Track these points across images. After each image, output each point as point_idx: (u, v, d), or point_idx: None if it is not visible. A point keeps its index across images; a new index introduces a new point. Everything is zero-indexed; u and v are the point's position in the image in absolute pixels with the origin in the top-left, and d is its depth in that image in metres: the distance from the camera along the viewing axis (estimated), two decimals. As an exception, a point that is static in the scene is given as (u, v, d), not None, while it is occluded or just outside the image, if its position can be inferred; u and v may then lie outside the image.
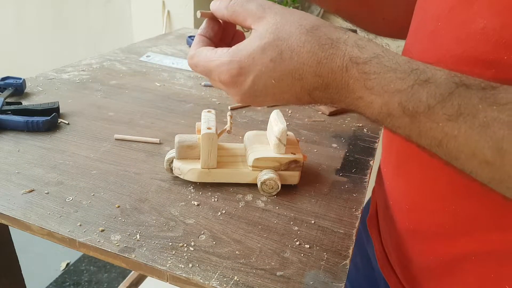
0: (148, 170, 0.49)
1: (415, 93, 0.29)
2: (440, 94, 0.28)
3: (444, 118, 0.28)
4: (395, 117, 0.30)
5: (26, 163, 0.49)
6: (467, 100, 0.28)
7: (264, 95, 0.35)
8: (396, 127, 0.31)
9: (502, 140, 0.26)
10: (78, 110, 0.64)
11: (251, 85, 0.35)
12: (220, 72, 0.35)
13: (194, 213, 0.42)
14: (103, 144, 0.54)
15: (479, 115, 0.27)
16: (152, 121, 0.62)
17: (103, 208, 0.42)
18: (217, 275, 0.35)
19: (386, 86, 0.30)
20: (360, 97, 0.32)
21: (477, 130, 0.27)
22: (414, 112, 0.29)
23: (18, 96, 0.66)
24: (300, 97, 0.35)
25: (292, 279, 0.35)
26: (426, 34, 0.39)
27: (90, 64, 0.85)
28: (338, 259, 0.38)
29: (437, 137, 0.29)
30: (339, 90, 0.33)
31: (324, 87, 0.33)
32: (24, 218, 0.40)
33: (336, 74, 0.32)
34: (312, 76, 0.33)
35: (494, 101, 0.27)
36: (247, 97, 0.36)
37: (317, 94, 0.34)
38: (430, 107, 0.29)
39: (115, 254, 0.36)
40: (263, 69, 0.34)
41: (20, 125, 0.55)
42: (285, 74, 0.33)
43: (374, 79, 0.31)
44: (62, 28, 2.06)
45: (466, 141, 0.28)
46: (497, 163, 0.27)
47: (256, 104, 0.38)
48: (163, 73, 0.84)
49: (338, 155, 0.57)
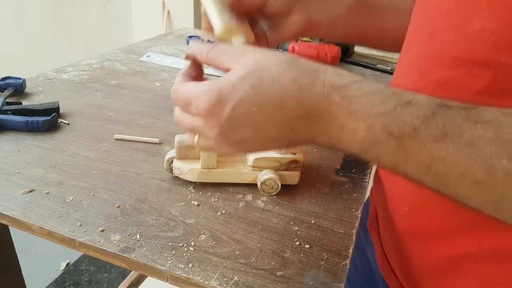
0: (148, 170, 0.49)
1: (399, 115, 0.29)
2: (423, 115, 0.28)
3: (430, 139, 0.28)
4: (380, 142, 0.29)
5: (26, 163, 0.49)
6: (451, 120, 0.27)
7: (243, 126, 0.33)
8: (381, 156, 0.30)
9: (491, 158, 0.26)
10: (78, 110, 0.64)
11: (230, 114, 0.32)
12: (198, 101, 0.34)
13: (194, 213, 0.42)
14: (103, 144, 0.54)
15: (465, 134, 0.27)
16: (152, 121, 0.62)
17: (103, 208, 0.42)
18: (217, 275, 0.35)
19: (369, 109, 0.30)
20: (343, 125, 0.31)
21: (464, 149, 0.27)
22: (399, 134, 0.29)
23: (18, 96, 0.66)
24: (281, 131, 0.33)
25: (292, 279, 0.35)
26: (424, 36, 0.39)
27: (90, 64, 0.85)
28: (338, 259, 0.38)
29: (425, 162, 0.28)
30: (322, 119, 0.32)
31: (306, 116, 0.32)
32: (24, 218, 0.40)
33: (318, 101, 0.31)
34: (294, 104, 0.32)
35: (477, 119, 0.27)
36: (225, 130, 0.33)
37: (299, 125, 0.32)
38: (415, 128, 0.28)
39: (115, 254, 0.36)
40: (243, 96, 0.32)
41: (20, 125, 0.55)
42: (266, 102, 0.32)
43: (356, 103, 0.30)
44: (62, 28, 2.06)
45: (455, 162, 0.27)
46: (488, 182, 0.26)
47: (234, 146, 0.34)
48: (163, 73, 0.84)
49: (338, 155, 0.57)
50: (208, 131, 0.34)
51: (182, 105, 0.36)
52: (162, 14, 1.59)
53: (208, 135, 0.35)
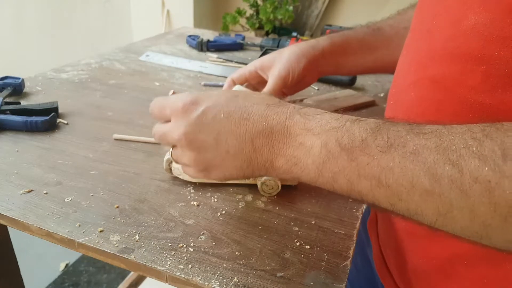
0: (147, 170, 0.49)
1: (349, 129, 0.31)
2: (370, 129, 0.30)
3: (377, 150, 0.29)
4: (334, 157, 0.31)
5: (25, 163, 0.48)
6: (395, 132, 0.29)
7: (208, 132, 0.35)
8: (336, 174, 0.31)
9: (434, 164, 0.27)
10: (77, 110, 0.63)
11: (200, 115, 0.35)
12: (175, 102, 0.37)
13: (194, 214, 0.42)
14: (102, 144, 0.54)
15: (409, 144, 0.28)
16: (152, 121, 0.62)
17: (102, 208, 0.42)
18: (217, 276, 0.35)
19: (324, 125, 0.33)
20: (301, 143, 0.33)
21: (409, 158, 0.28)
22: (349, 147, 0.30)
23: (16, 96, 0.66)
24: (242, 144, 0.35)
25: (293, 280, 0.35)
26: (423, 33, 0.39)
27: (89, 64, 0.85)
28: (338, 260, 0.37)
29: (375, 174, 0.29)
30: (282, 137, 0.34)
31: (268, 133, 0.34)
32: (23, 218, 0.39)
33: (280, 119, 0.34)
34: (259, 117, 0.35)
35: (420, 131, 0.28)
36: (190, 131, 0.36)
37: (259, 141, 0.35)
38: (363, 140, 0.30)
39: (114, 254, 0.36)
40: (216, 102, 0.36)
41: (18, 125, 0.55)
42: (235, 111, 0.35)
43: (313, 120, 0.33)
44: (61, 28, 2.06)
45: (402, 171, 0.28)
46: (436, 190, 0.27)
47: (194, 152, 0.37)
48: (163, 72, 0.84)
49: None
50: (175, 130, 0.36)
51: (158, 110, 0.39)
52: (162, 14, 1.58)
53: (174, 135, 0.37)
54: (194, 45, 1.01)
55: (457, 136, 0.27)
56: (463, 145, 0.26)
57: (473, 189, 0.25)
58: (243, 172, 0.37)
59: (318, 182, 0.33)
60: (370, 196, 0.31)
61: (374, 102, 0.76)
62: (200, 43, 0.99)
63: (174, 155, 0.40)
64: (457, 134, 0.27)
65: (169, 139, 0.38)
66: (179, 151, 0.38)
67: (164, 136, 0.39)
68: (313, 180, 0.33)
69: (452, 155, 0.26)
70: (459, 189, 0.26)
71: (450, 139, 0.27)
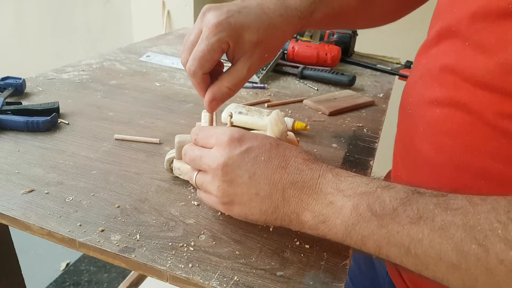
0: (148, 170, 0.49)
1: (380, 196, 0.32)
2: (400, 198, 0.31)
3: (407, 220, 0.30)
4: (364, 220, 0.32)
5: (26, 163, 0.49)
6: (423, 205, 0.30)
7: (245, 170, 0.36)
8: (366, 237, 0.32)
9: (461, 242, 0.28)
10: (78, 110, 0.64)
11: (244, 151, 0.36)
12: (222, 134, 0.38)
13: (194, 213, 0.42)
14: (103, 144, 0.54)
15: (437, 219, 0.29)
16: (152, 121, 0.62)
17: (103, 208, 0.42)
18: (217, 275, 0.35)
19: (356, 188, 0.33)
20: (331, 202, 0.34)
21: (438, 232, 0.29)
22: (380, 213, 0.31)
23: (18, 96, 0.66)
24: (273, 191, 0.36)
25: (292, 279, 0.35)
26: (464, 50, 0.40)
27: (90, 64, 0.85)
28: (338, 259, 0.38)
29: (405, 243, 0.30)
30: (313, 193, 0.35)
31: (300, 185, 0.35)
32: (24, 218, 0.40)
33: (314, 175, 0.35)
34: (295, 169, 0.36)
35: (447, 206, 0.30)
36: (229, 164, 0.36)
37: (290, 192, 0.35)
38: (394, 208, 0.31)
39: (115, 254, 0.36)
40: (260, 145, 0.37)
41: (20, 125, 0.55)
42: (275, 158, 0.36)
43: (345, 181, 0.34)
44: (62, 28, 2.06)
45: (431, 244, 0.29)
46: (463, 265, 0.28)
47: (224, 184, 0.37)
48: (163, 73, 0.84)
49: (338, 155, 0.57)
50: (215, 158, 0.37)
51: (203, 137, 0.40)
52: (162, 14, 1.59)
53: (211, 162, 0.37)
54: (194, 45, 1.01)
55: (482, 215, 0.28)
56: (489, 227, 0.27)
57: (499, 269, 0.27)
58: (266, 216, 0.37)
59: (345, 243, 0.34)
60: (398, 261, 0.32)
61: (373, 102, 0.77)
62: (201, 44, 0.99)
63: (199, 180, 0.39)
64: (482, 213, 0.28)
65: (203, 163, 0.38)
66: (209, 178, 0.38)
67: (199, 159, 0.39)
68: (340, 240, 0.34)
69: (478, 234, 0.27)
70: (484, 267, 0.27)
71: (476, 218, 0.28)
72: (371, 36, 1.15)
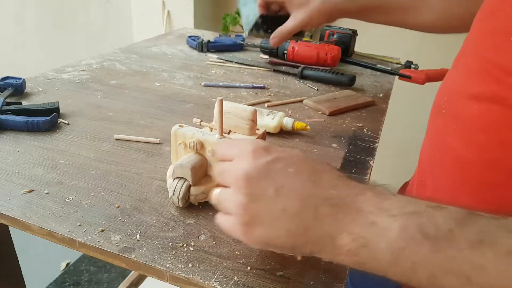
0: (148, 170, 0.49)
1: (431, 216, 0.27)
2: (455, 219, 0.27)
3: (466, 244, 0.26)
4: (415, 244, 0.27)
5: (26, 163, 0.49)
6: (484, 226, 0.26)
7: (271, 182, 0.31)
8: (417, 264, 0.27)
9: None
10: (78, 110, 0.64)
11: (270, 161, 0.32)
12: (247, 144, 0.34)
13: (194, 213, 0.42)
14: (103, 144, 0.54)
15: (501, 243, 0.25)
16: (152, 121, 0.62)
17: (103, 208, 0.42)
18: (217, 275, 0.35)
19: (403, 207, 0.28)
20: (374, 222, 0.28)
21: (504, 259, 0.25)
22: (434, 236, 0.27)
23: (18, 96, 0.66)
24: (304, 208, 0.30)
25: (292, 279, 0.35)
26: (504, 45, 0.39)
27: (90, 64, 0.85)
28: (338, 259, 0.38)
29: (464, 271, 0.26)
30: (350, 212, 0.29)
31: (335, 202, 0.30)
32: (24, 218, 0.40)
33: (351, 192, 0.30)
34: (328, 183, 0.31)
35: (510, 229, 0.26)
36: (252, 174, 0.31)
37: (325, 210, 0.30)
38: (449, 230, 0.26)
39: (115, 254, 0.36)
40: (288, 156, 0.33)
41: (20, 125, 0.55)
42: (305, 170, 0.32)
43: (389, 200, 0.29)
44: (62, 28, 2.06)
45: (497, 273, 0.25)
46: None
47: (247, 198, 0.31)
48: (163, 73, 0.84)
49: (338, 155, 0.57)
50: (237, 169, 0.32)
51: (225, 147, 0.36)
52: (162, 14, 1.59)
53: (233, 172, 0.33)
54: (194, 45, 1.02)
55: None
56: None
57: None
58: (293, 239, 0.31)
59: (390, 272, 0.28)
60: None
61: (373, 102, 0.77)
62: (201, 44, 1.00)
63: (222, 195, 0.34)
64: None
65: (226, 176, 0.34)
66: (231, 191, 0.33)
67: (222, 173, 0.34)
68: (384, 269, 0.29)
69: None
70: None
71: None
72: (371, 36, 1.15)
